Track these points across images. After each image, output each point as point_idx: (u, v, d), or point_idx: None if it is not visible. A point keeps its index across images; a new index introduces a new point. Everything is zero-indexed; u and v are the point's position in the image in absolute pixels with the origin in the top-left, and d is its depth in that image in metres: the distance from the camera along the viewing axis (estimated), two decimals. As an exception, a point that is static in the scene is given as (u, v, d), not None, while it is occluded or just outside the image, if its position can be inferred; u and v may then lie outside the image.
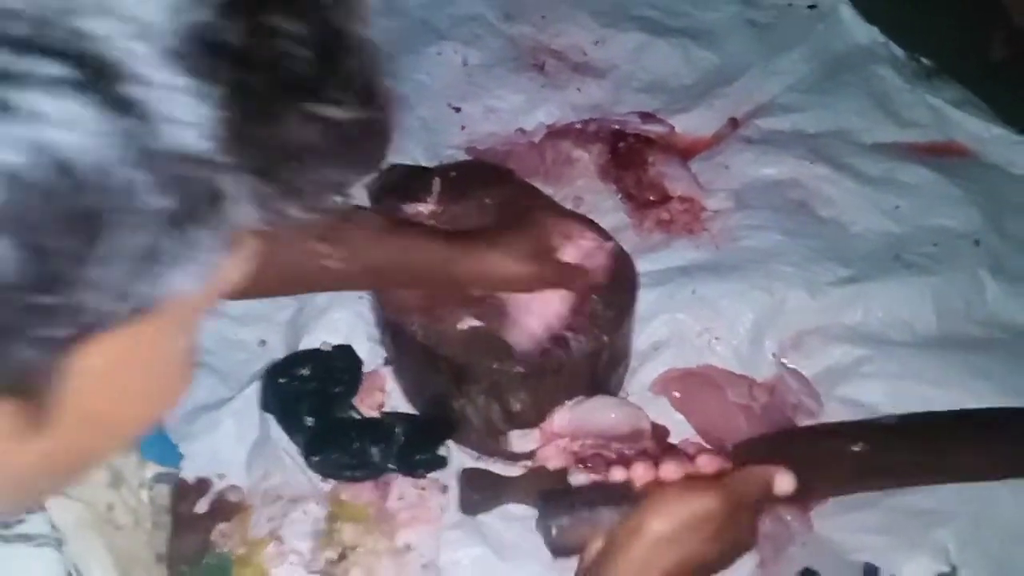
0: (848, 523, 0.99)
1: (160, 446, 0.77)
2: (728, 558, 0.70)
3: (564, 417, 1.01)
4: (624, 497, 0.68)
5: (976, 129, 1.38)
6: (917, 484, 0.96)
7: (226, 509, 1.03)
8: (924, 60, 1.47)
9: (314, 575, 0.97)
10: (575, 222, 1.00)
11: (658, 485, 0.67)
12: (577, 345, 0.95)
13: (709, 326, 1.13)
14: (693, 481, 0.69)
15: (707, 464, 0.71)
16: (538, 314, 0.97)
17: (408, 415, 1.08)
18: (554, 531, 0.72)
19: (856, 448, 0.74)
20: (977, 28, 1.42)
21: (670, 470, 0.69)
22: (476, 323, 0.96)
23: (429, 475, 1.04)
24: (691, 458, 0.72)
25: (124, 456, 0.71)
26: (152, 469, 0.75)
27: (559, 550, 0.73)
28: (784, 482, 0.71)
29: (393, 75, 1.25)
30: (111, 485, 0.71)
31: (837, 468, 0.77)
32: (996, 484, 0.99)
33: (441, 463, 1.04)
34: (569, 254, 0.96)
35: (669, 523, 0.65)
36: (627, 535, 0.66)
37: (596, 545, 0.68)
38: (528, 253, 0.93)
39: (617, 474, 0.71)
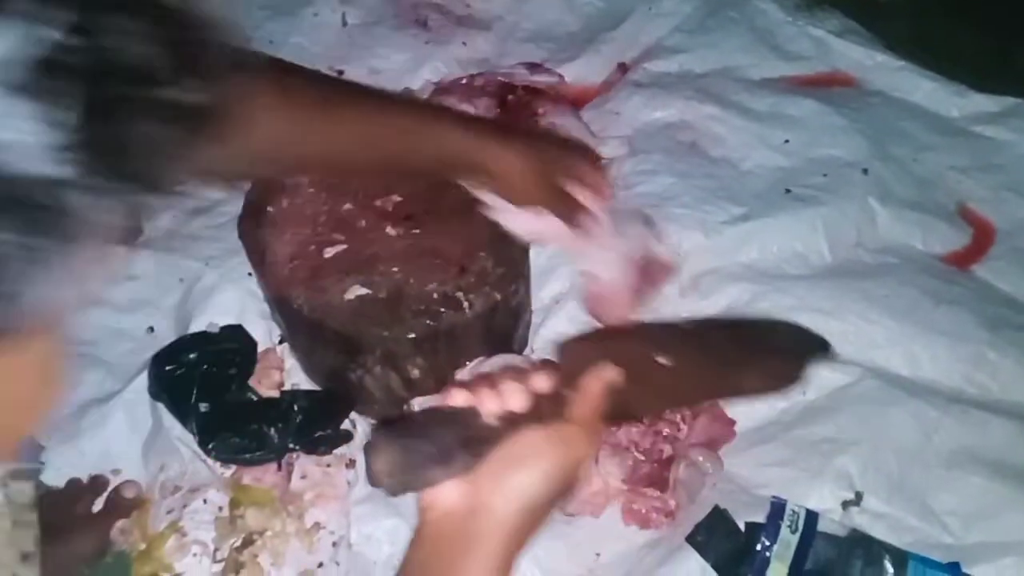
0: (752, 458, 1.00)
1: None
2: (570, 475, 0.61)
3: (465, 379, 0.99)
4: (471, 432, 0.59)
5: (859, 57, 1.39)
6: (709, 400, 0.98)
7: (123, 505, 0.99)
8: (804, -9, 1.47)
9: (219, 564, 0.94)
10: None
11: (509, 422, 0.60)
12: (468, 305, 0.93)
13: (608, 274, 1.12)
14: (544, 425, 0.62)
15: (543, 383, 0.64)
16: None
17: (308, 392, 1.05)
18: (382, 465, 0.58)
19: (665, 362, 0.68)
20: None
21: (514, 398, 0.62)
22: (363, 291, 0.94)
23: (336, 450, 1.01)
24: (527, 375, 0.65)
25: None
26: (4, 467, 0.70)
27: (392, 489, 0.60)
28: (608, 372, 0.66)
29: (262, 41, 1.19)
30: None
31: (653, 387, 0.71)
32: (893, 408, 1.01)
33: (346, 437, 1.02)
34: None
35: (529, 478, 0.57)
36: (483, 485, 0.58)
37: (445, 494, 0.59)
38: (533, 166, 0.84)
39: (458, 398, 0.61)
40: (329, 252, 0.97)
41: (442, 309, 0.93)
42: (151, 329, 1.13)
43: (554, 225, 0.87)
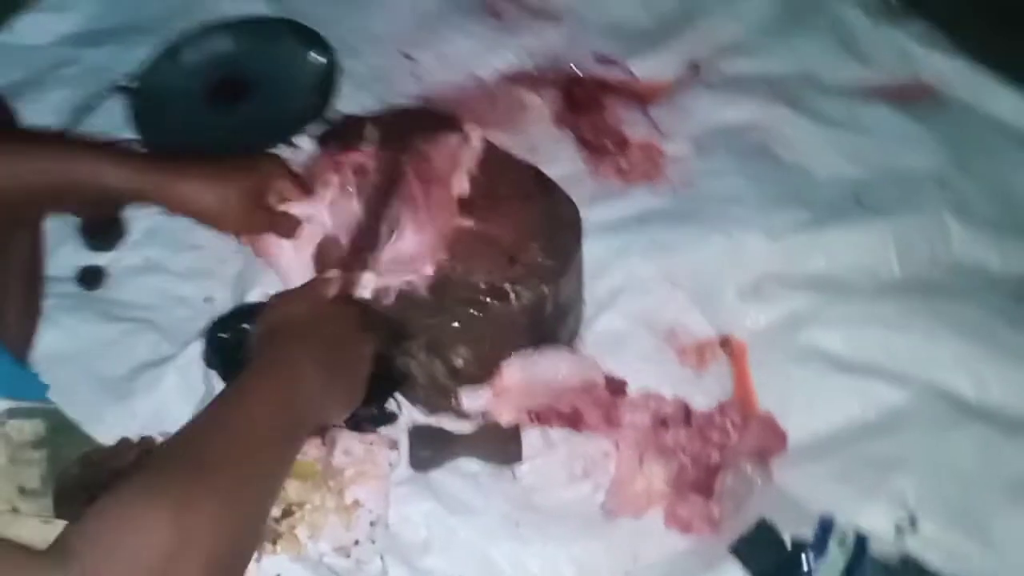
0: (804, 472, 0.97)
1: (10, 379, 0.74)
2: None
3: (513, 372, 0.98)
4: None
5: (943, 67, 1.34)
6: None
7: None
8: (891, -1, 1.43)
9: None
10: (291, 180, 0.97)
11: None
12: (515, 296, 0.91)
13: (666, 271, 1.10)
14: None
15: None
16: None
17: (356, 370, 1.05)
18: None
19: None
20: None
21: None
22: (411, 278, 0.93)
23: (379, 430, 1.01)
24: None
25: None
26: (2, 404, 0.71)
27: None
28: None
29: (333, 22, 1.19)
30: None
31: None
32: (956, 431, 0.97)
33: (391, 418, 1.02)
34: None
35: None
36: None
37: None
38: (231, 193, 0.89)
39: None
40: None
41: (488, 300, 0.92)
42: (209, 299, 1.14)
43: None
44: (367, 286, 0.92)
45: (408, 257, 0.93)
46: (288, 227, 0.97)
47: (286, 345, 0.73)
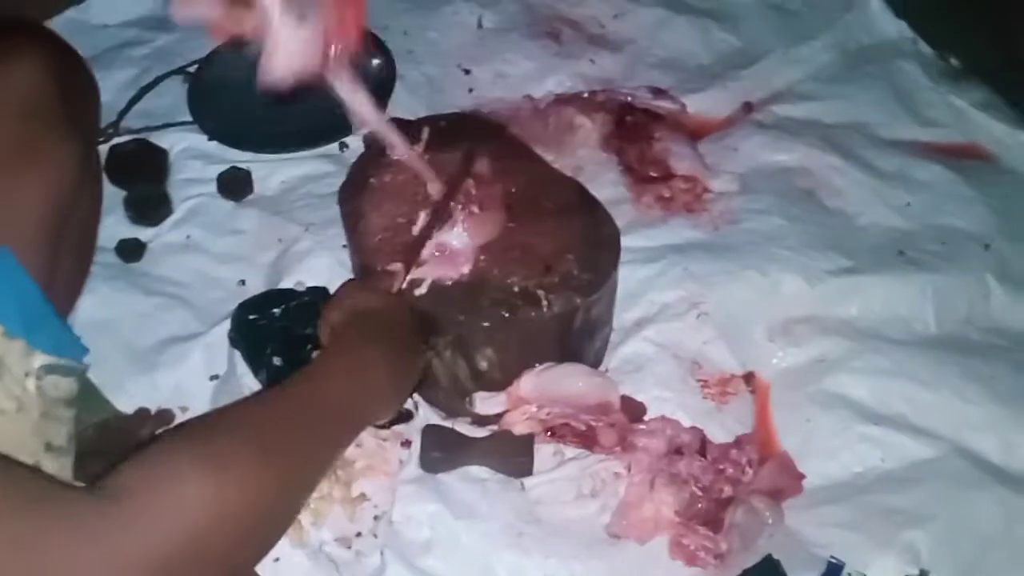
0: (816, 516, 0.95)
1: (55, 336, 0.75)
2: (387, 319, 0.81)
3: (531, 382, 0.98)
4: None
5: (999, 133, 1.33)
6: None
7: (184, 442, 1.01)
8: (952, 60, 1.42)
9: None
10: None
11: None
12: (547, 304, 0.92)
13: (697, 303, 1.09)
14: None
15: None
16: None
17: (377, 366, 1.05)
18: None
19: None
20: (1010, 30, 1.37)
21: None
22: (449, 273, 0.93)
23: (393, 428, 1.01)
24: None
25: (7, 342, 0.70)
26: (41, 359, 0.72)
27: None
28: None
29: (396, 31, 1.19)
30: None
31: None
32: (977, 492, 0.95)
33: (407, 417, 1.01)
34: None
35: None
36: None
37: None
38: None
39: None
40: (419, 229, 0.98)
41: (520, 303, 0.92)
42: (242, 282, 1.16)
43: None
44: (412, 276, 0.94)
45: (453, 253, 0.93)
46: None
47: (362, 338, 0.75)
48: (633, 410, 1.03)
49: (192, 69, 1.36)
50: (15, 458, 0.70)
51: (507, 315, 0.91)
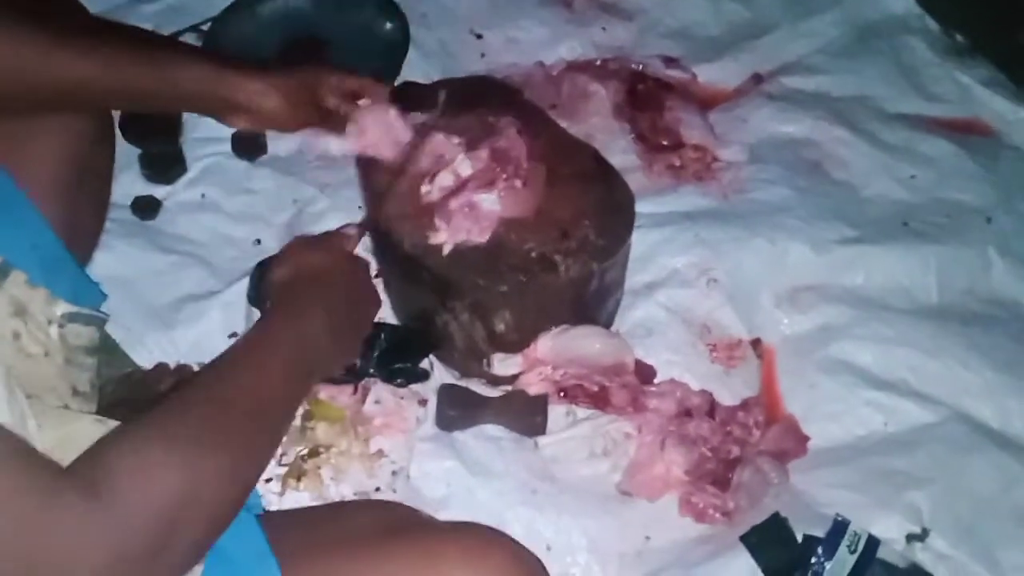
0: (822, 478, 0.99)
1: (74, 285, 0.76)
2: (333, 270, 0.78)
3: (548, 344, 1.00)
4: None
5: (1002, 110, 1.35)
6: None
7: (204, 397, 1.02)
8: (958, 36, 1.44)
9: (283, 467, 0.96)
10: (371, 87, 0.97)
11: None
12: (564, 269, 0.94)
13: (707, 269, 1.12)
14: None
15: None
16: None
17: (393, 325, 1.07)
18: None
19: None
20: (1015, 8, 1.39)
21: None
22: (472, 237, 0.95)
23: (410, 386, 1.03)
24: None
25: (30, 290, 0.71)
26: (63, 307, 0.74)
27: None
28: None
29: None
30: (15, 315, 0.71)
31: None
32: (976, 455, 0.98)
33: (423, 376, 1.04)
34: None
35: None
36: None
37: None
38: (289, 91, 0.89)
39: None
40: (440, 193, 0.99)
41: (537, 268, 0.94)
42: (258, 241, 1.17)
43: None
44: (434, 237, 0.94)
45: (479, 215, 0.94)
46: (338, 123, 0.95)
47: (304, 294, 0.74)
48: (644, 373, 1.06)
49: (206, 27, 1.36)
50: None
51: (525, 279, 0.93)
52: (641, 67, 1.34)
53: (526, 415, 1.01)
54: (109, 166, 0.93)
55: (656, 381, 1.05)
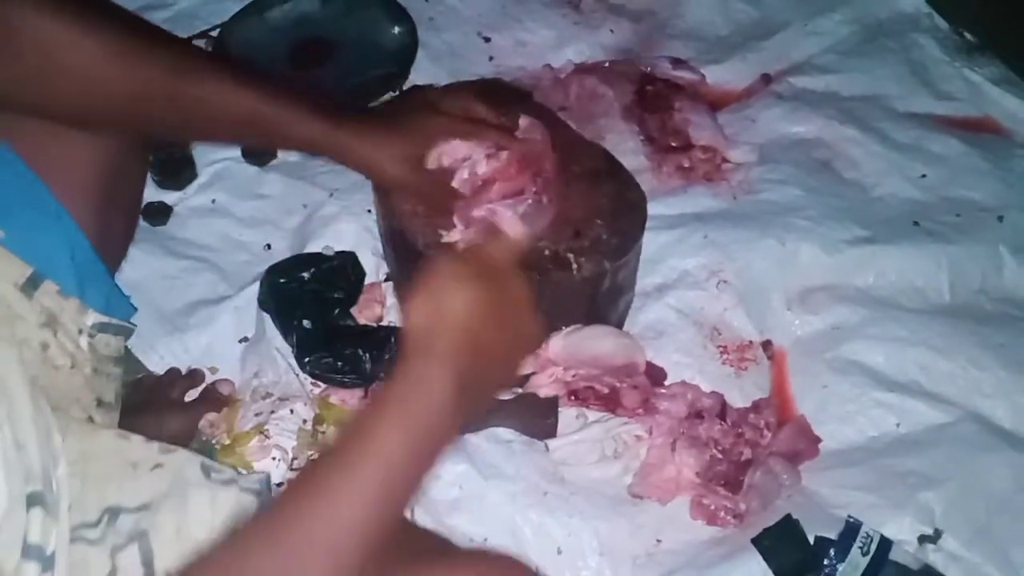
0: (833, 479, 0.98)
1: (106, 295, 0.77)
2: (509, 307, 0.62)
3: (559, 344, 1.00)
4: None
5: (1013, 108, 1.34)
6: None
7: (216, 400, 1.03)
8: (967, 35, 1.43)
9: (295, 471, 0.97)
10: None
11: None
12: (577, 267, 0.94)
13: (717, 271, 1.12)
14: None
15: None
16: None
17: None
18: None
19: None
20: (1025, 6, 1.38)
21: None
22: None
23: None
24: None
25: (62, 300, 0.72)
26: (94, 317, 0.74)
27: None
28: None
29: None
30: (45, 325, 0.71)
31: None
32: (989, 455, 0.98)
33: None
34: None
35: (422, 298, 0.58)
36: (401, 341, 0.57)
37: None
38: (399, 156, 0.85)
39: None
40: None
41: (550, 266, 0.94)
42: (268, 246, 1.18)
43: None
44: (447, 236, 0.93)
45: (499, 225, 0.93)
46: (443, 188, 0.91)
47: (438, 350, 0.56)
48: (654, 374, 1.05)
49: (215, 33, 1.37)
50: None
51: (538, 278, 0.93)
52: (649, 69, 1.34)
53: (537, 418, 1.01)
54: (142, 176, 0.94)
55: (667, 383, 1.05)
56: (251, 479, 0.69)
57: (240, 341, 1.09)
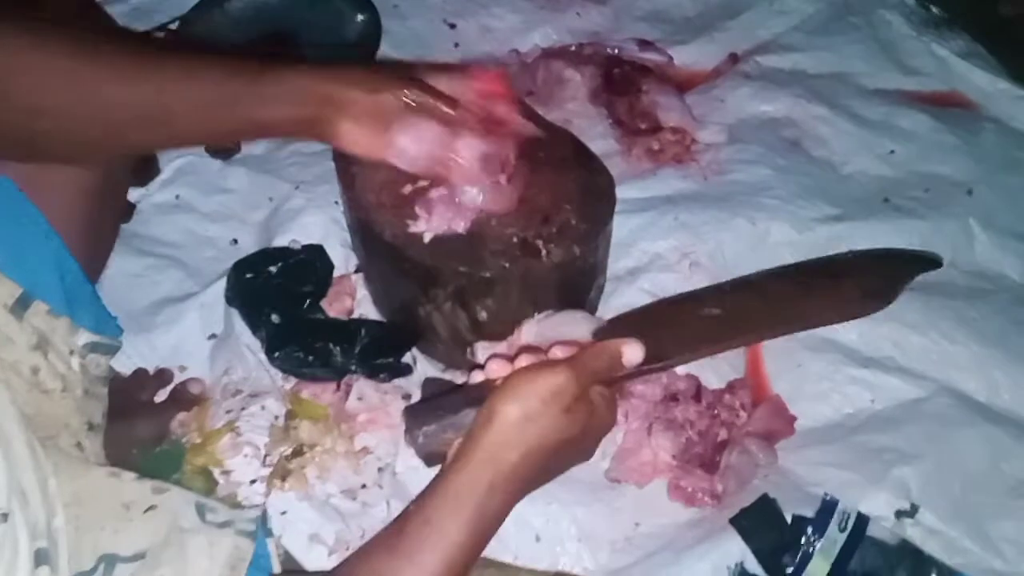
0: (809, 457, 0.98)
1: (95, 315, 0.75)
2: (589, 437, 0.67)
3: (532, 329, 0.99)
4: (484, 397, 0.64)
5: (981, 82, 1.35)
6: (769, 337, 0.94)
7: (186, 399, 1.02)
8: (934, 9, 1.43)
9: (267, 468, 0.95)
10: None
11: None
12: (547, 253, 0.93)
13: (688, 252, 1.11)
14: (542, 363, 0.66)
15: (560, 352, 0.69)
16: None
17: (375, 322, 1.06)
18: (420, 439, 0.67)
19: (713, 311, 0.73)
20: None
21: (524, 361, 0.67)
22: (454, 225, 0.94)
23: (393, 382, 1.02)
24: (546, 351, 0.70)
25: (52, 320, 0.70)
26: (85, 337, 0.73)
27: (430, 458, 0.68)
28: (632, 352, 0.67)
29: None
30: (36, 348, 0.69)
31: (693, 331, 0.75)
32: (964, 429, 0.98)
33: (406, 371, 1.03)
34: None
35: (517, 404, 0.61)
36: (481, 424, 0.62)
37: (457, 442, 0.65)
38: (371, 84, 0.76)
39: (477, 376, 0.70)
40: (419, 183, 0.97)
41: (520, 254, 0.93)
42: (235, 241, 1.16)
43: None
44: (414, 226, 0.92)
45: (460, 205, 0.92)
46: None
47: (510, 476, 0.62)
48: (629, 359, 1.05)
49: (174, 26, 1.34)
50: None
51: (508, 265, 0.92)
52: (616, 51, 1.33)
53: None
54: (124, 193, 0.92)
55: (641, 366, 1.04)
56: (246, 518, 0.69)
57: (208, 338, 1.07)
